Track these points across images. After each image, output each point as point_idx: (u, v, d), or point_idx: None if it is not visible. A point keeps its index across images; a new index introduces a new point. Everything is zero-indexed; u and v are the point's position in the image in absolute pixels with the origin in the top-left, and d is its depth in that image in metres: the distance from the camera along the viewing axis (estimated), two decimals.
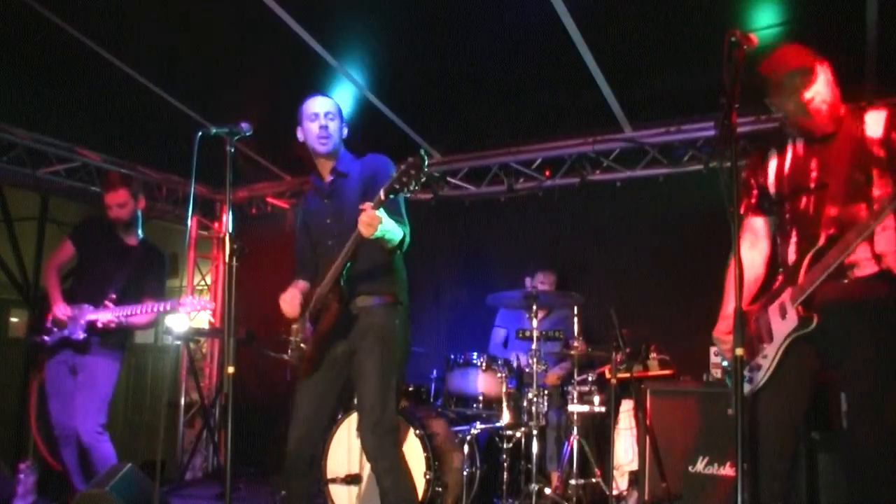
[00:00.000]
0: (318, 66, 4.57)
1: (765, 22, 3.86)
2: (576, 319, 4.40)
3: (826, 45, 2.46)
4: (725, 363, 2.74)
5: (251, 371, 5.80)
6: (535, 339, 4.16)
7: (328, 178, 3.06)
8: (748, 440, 2.36)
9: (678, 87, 4.58)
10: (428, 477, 3.82)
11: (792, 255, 2.44)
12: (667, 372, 4.35)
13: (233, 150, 2.72)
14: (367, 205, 2.61)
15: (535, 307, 4.21)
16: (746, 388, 2.42)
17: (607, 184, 5.35)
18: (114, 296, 3.87)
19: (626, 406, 4.37)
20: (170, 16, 4.24)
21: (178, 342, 6.14)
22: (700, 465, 3.71)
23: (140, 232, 4.12)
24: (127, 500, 3.33)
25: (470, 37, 4.32)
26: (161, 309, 3.86)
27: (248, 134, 2.74)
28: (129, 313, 3.83)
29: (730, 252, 2.58)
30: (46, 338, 3.86)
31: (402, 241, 2.85)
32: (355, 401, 2.99)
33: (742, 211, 2.60)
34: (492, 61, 4.52)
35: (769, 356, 2.39)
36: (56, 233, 5.80)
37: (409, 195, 2.67)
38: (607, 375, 4.07)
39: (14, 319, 6.84)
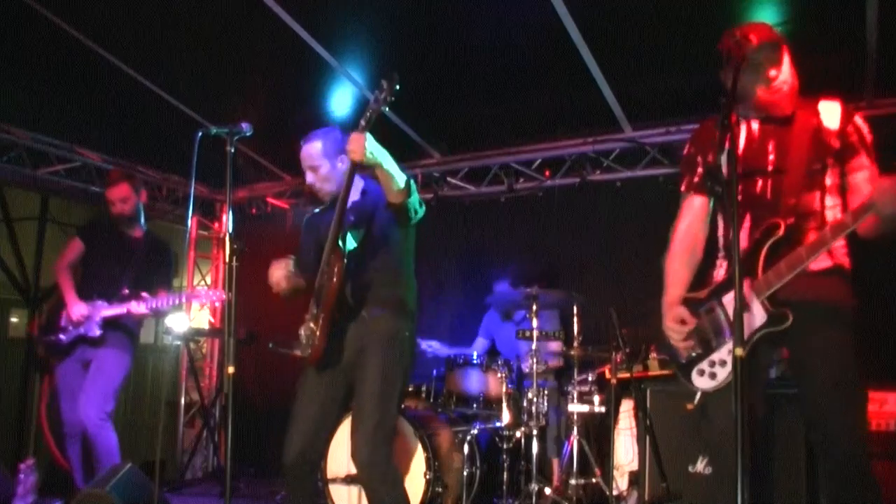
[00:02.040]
0: (318, 66, 4.58)
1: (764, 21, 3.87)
2: (575, 319, 4.40)
3: (826, 45, 2.45)
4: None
5: (251, 371, 5.81)
6: (534, 338, 4.17)
7: (355, 197, 3.03)
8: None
9: (678, 87, 4.58)
10: (428, 477, 3.82)
11: (743, 241, 2.33)
12: (667, 372, 4.35)
13: (233, 150, 2.72)
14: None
15: (534, 307, 4.21)
16: (709, 384, 2.34)
17: (607, 184, 5.35)
18: (126, 291, 3.89)
19: (626, 406, 4.37)
20: (170, 16, 4.24)
21: (178, 342, 6.15)
22: (700, 465, 3.70)
23: (143, 223, 4.16)
24: (127, 500, 3.33)
25: (470, 37, 4.32)
26: (177, 301, 3.87)
27: (248, 134, 2.75)
28: (153, 306, 3.86)
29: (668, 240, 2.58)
30: (62, 336, 3.87)
31: (409, 188, 2.79)
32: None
33: (683, 189, 2.54)
34: (492, 61, 4.52)
35: None
36: (56, 233, 5.82)
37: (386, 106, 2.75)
38: (607, 375, 4.07)
39: (14, 319, 6.84)
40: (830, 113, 2.33)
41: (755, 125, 2.42)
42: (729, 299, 2.32)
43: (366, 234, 2.96)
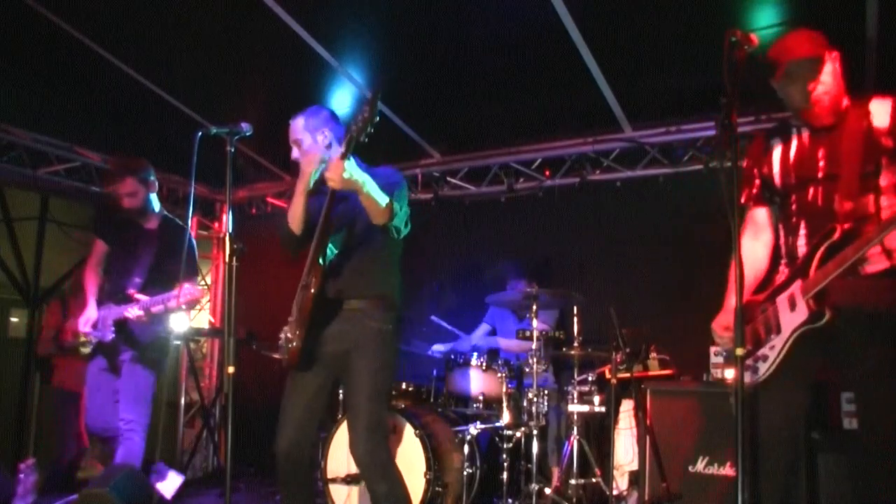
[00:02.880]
0: (318, 66, 4.58)
1: (765, 22, 3.86)
2: (575, 319, 4.40)
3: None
4: (719, 358, 2.71)
5: (251, 371, 5.80)
6: (535, 338, 4.17)
7: None
8: (748, 436, 2.35)
9: (678, 87, 4.58)
10: (428, 477, 3.81)
11: (802, 248, 2.39)
12: (667, 372, 4.35)
13: (233, 150, 2.73)
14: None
15: (535, 307, 4.21)
16: (749, 378, 2.37)
17: (607, 184, 5.35)
18: (132, 290, 3.80)
19: (626, 406, 4.37)
20: (170, 16, 4.24)
21: (178, 342, 6.14)
22: (700, 465, 3.71)
23: (156, 211, 4.00)
24: (127, 500, 3.33)
25: (470, 37, 4.32)
26: (161, 302, 3.71)
27: (248, 134, 2.75)
28: (145, 307, 3.73)
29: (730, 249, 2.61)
30: (84, 350, 3.82)
31: (391, 210, 2.79)
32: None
33: (744, 201, 2.58)
34: (492, 61, 4.52)
35: (776, 348, 2.34)
36: (56, 233, 5.81)
37: (367, 137, 2.72)
38: (607, 375, 4.07)
39: (14, 319, 6.83)
40: (881, 111, 2.32)
41: (805, 135, 2.46)
42: (782, 298, 2.38)
43: (352, 225, 2.97)
